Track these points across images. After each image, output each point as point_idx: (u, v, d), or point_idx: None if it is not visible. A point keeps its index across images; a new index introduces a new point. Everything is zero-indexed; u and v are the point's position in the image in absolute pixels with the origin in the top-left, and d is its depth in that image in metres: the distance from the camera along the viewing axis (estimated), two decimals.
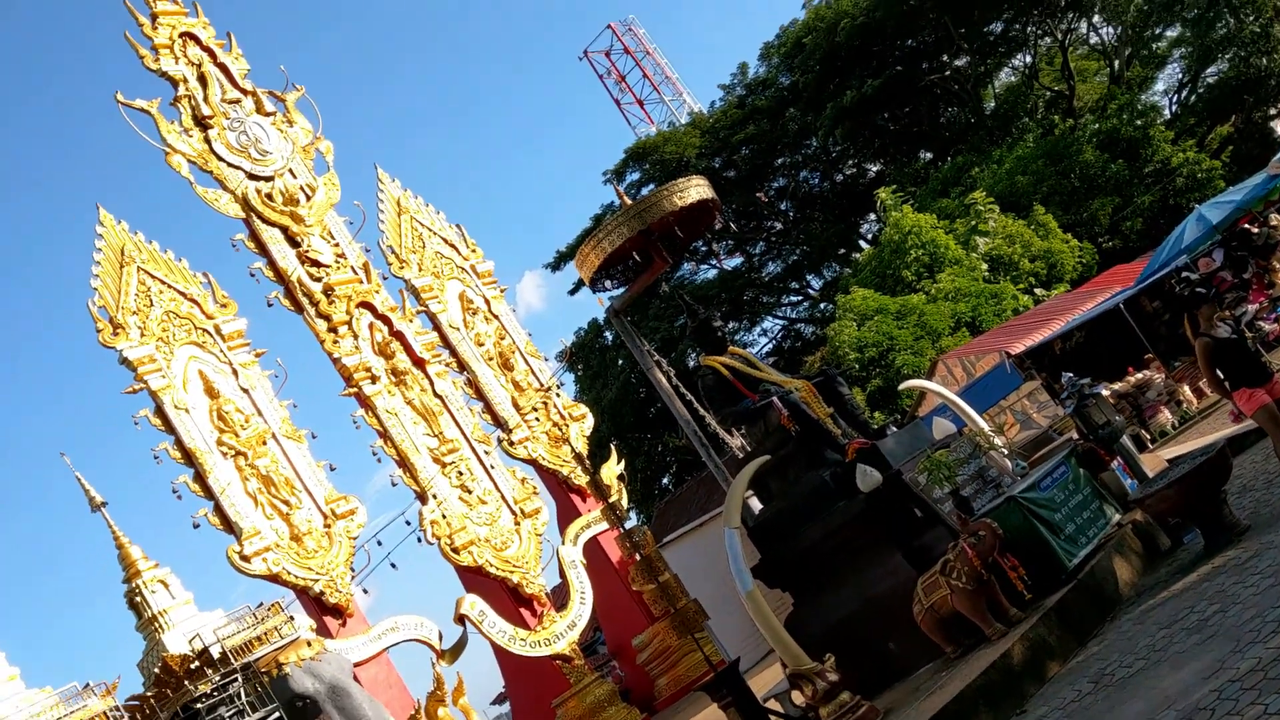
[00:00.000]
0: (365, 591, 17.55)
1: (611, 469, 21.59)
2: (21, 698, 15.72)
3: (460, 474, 19.83)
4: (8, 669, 16.23)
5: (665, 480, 44.44)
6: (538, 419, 21.79)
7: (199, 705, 15.67)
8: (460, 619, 18.28)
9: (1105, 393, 16.80)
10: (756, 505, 16.18)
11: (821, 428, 13.58)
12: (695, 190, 15.57)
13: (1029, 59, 44.39)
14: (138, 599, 18.01)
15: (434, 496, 19.09)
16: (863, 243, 44.74)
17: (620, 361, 42.03)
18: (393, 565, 16.72)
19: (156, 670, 16.55)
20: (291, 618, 16.82)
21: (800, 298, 48.23)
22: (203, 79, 20.69)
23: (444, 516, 18.94)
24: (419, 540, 18.27)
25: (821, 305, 45.21)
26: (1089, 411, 14.96)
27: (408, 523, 18.28)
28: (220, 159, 20.27)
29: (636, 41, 63.31)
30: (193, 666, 16.20)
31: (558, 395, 22.64)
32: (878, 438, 13.70)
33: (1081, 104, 43.06)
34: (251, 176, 20.06)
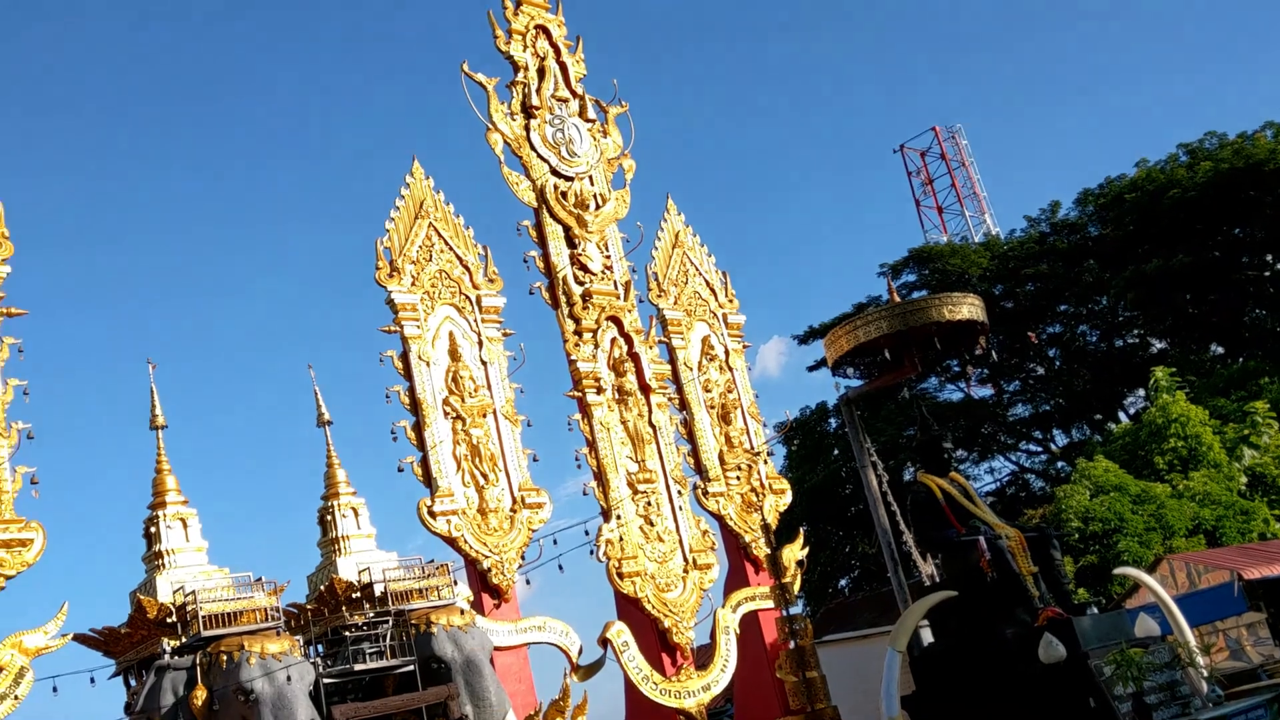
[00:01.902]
0: (528, 583, 18.04)
1: (794, 551, 21.38)
2: (200, 570, 16.87)
3: (648, 505, 20.12)
4: (199, 540, 17.47)
5: (842, 582, 43.46)
6: (738, 479, 21.82)
7: (347, 633, 16.44)
8: (604, 641, 18.52)
9: None
10: (927, 637, 15.62)
11: (1020, 583, 13.02)
12: (968, 308, 15.27)
13: None
14: (328, 518, 19.03)
15: (617, 518, 19.45)
16: (1122, 414, 42.56)
17: (836, 451, 41.47)
18: (560, 568, 17.11)
19: (322, 588, 17.46)
20: (455, 583, 17.41)
21: (1040, 448, 46.30)
22: (541, 71, 21.97)
23: (620, 540, 19.25)
24: (591, 553, 18.64)
25: (1059, 463, 43.27)
26: None
27: (586, 533, 18.71)
28: (533, 148, 21.46)
29: (956, 150, 62.60)
30: (354, 596, 17.02)
31: (765, 463, 22.62)
32: (1075, 613, 13.01)
33: None
34: (554, 172, 21.12)
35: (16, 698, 13.21)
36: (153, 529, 17.39)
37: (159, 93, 68.68)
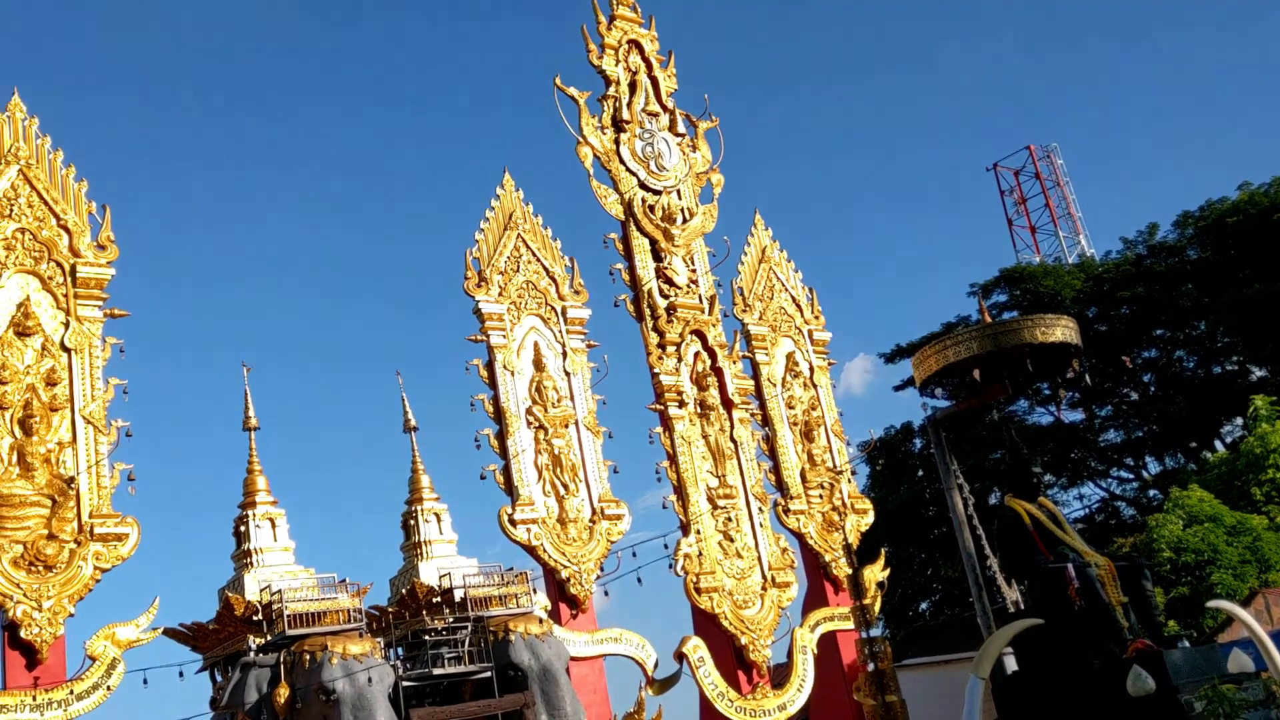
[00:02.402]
0: (606, 594, 18.11)
1: (875, 572, 21.12)
2: (287, 569, 17.25)
3: (728, 521, 20.05)
4: (287, 540, 17.86)
5: (923, 605, 42.82)
6: (820, 497, 21.64)
7: (427, 637, 16.64)
8: (680, 656, 18.48)
9: None
10: (1011, 665, 15.30)
11: (1110, 613, 12.69)
12: (1062, 330, 14.91)
13: None
14: (411, 522, 19.31)
15: (697, 533, 19.42)
16: (1219, 443, 41.31)
17: (920, 473, 40.91)
18: (639, 580, 17.10)
19: (404, 591, 17.72)
20: (534, 591, 17.53)
21: (1131, 475, 45.15)
22: (633, 85, 22.12)
23: (699, 554, 19.21)
24: (670, 567, 18.62)
25: (1151, 492, 42.13)
26: None
27: (665, 546, 18.71)
28: (622, 162, 21.62)
29: (1051, 169, 61.43)
30: (434, 600, 17.23)
31: (848, 482, 22.41)
32: (1166, 646, 12.65)
33: None
34: (643, 186, 21.23)
35: (109, 688, 13.62)
36: (242, 528, 17.81)
37: (251, 97, 70.62)
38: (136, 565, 14.66)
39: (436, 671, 16.11)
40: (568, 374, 19.03)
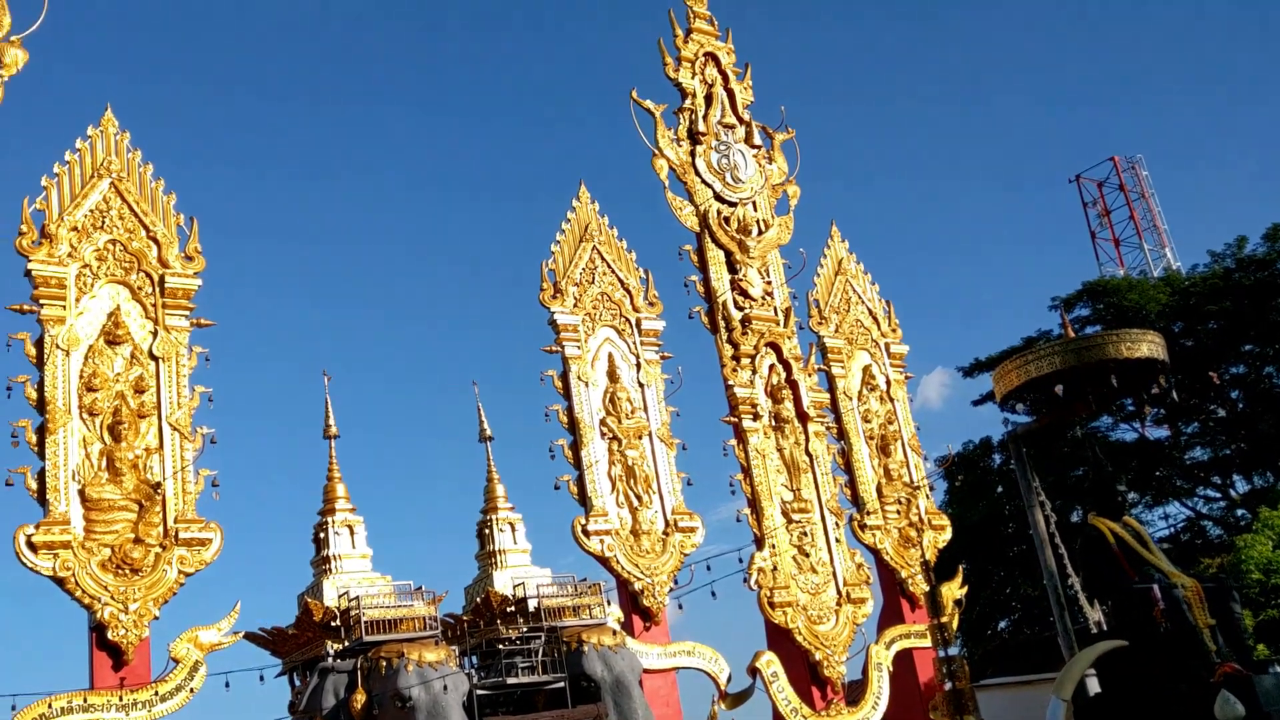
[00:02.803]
0: (680, 607, 18.06)
1: (953, 589, 20.77)
2: (364, 576, 17.49)
3: (803, 535, 19.89)
4: (365, 547, 18.12)
5: (1002, 624, 42.08)
6: (896, 513, 21.38)
7: (501, 646, 16.74)
8: (753, 671, 18.36)
9: None
10: (1094, 687, 14.94)
11: (1197, 636, 12.36)
12: (1148, 346, 14.57)
13: None
14: (486, 531, 19.45)
15: (771, 546, 19.29)
16: None
17: (999, 489, 40.25)
18: (713, 594, 17.03)
19: (478, 600, 17.85)
20: (607, 603, 17.55)
21: (1219, 494, 43.95)
22: (709, 98, 22.15)
23: (774, 569, 19.08)
24: (744, 581, 18.52)
25: (1239, 511, 40.96)
26: None
27: (740, 560, 18.62)
28: (698, 174, 21.64)
29: (1135, 181, 60.16)
30: (508, 610, 17.34)
31: (925, 498, 22.11)
32: (1255, 670, 12.25)
33: None
34: (718, 198, 21.23)
35: (191, 690, 13.90)
36: (322, 534, 18.09)
37: (333, 110, 71.89)
38: (218, 569, 14.96)
39: (510, 681, 16.20)
40: (641, 385, 19.06)
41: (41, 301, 14.54)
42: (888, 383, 22.39)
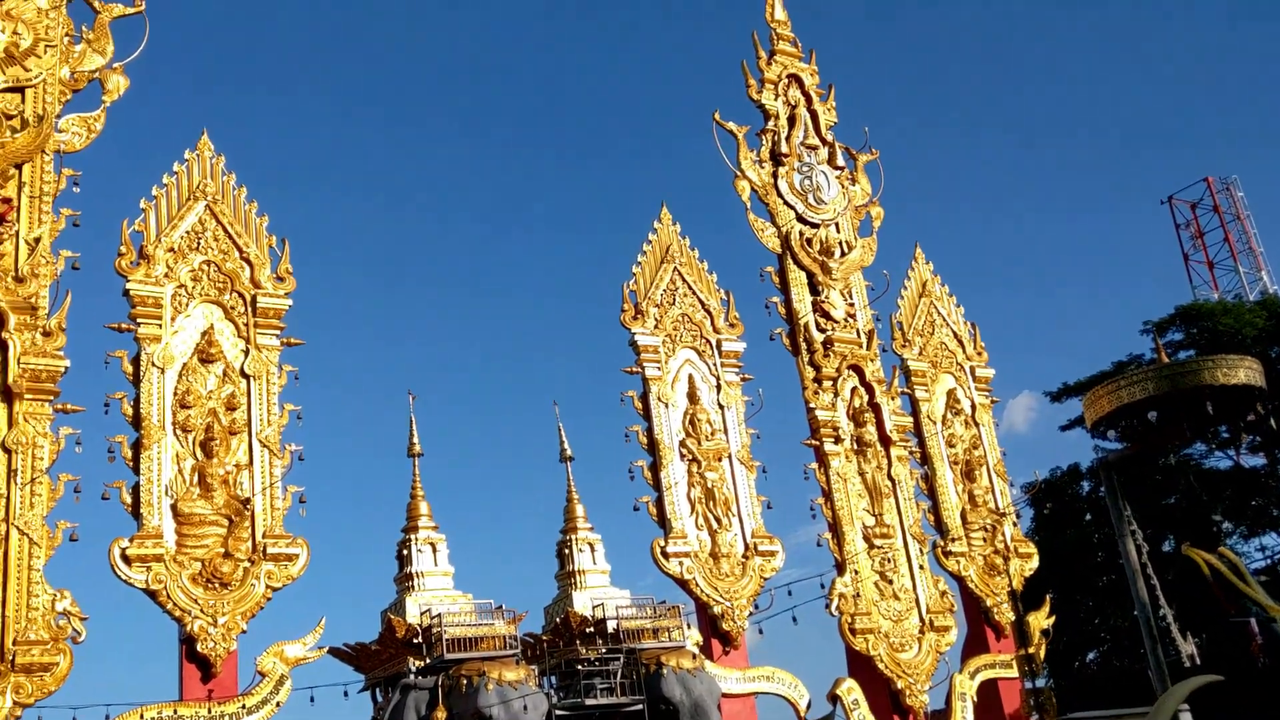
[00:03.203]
0: (760, 632, 17.89)
1: (1040, 619, 20.31)
2: (446, 594, 17.66)
3: (885, 561, 19.60)
4: (447, 564, 18.30)
5: (1090, 655, 41.01)
6: (981, 540, 20.96)
7: (580, 667, 16.75)
8: (834, 698, 18.11)
9: None
10: None
11: None
12: (1245, 372, 14.14)
13: None
14: (566, 551, 19.50)
15: (854, 572, 19.05)
16: None
17: (1088, 517, 39.31)
18: (794, 619, 16.86)
19: (558, 620, 17.90)
20: (688, 626, 17.47)
21: None
22: (792, 119, 22.09)
23: (855, 595, 18.83)
24: (826, 606, 18.29)
25: None
26: None
27: (821, 585, 18.40)
28: (780, 195, 21.57)
29: (1230, 202, 58.54)
30: (588, 630, 17.34)
31: (1011, 525, 21.65)
32: None
33: None
34: (800, 219, 21.13)
35: (277, 704, 14.14)
36: (405, 551, 18.31)
37: (416, 134, 73.06)
38: (304, 585, 15.21)
39: (589, 702, 16.20)
40: (721, 407, 18.99)
41: (138, 320, 15.02)
42: (973, 407, 22.02)
